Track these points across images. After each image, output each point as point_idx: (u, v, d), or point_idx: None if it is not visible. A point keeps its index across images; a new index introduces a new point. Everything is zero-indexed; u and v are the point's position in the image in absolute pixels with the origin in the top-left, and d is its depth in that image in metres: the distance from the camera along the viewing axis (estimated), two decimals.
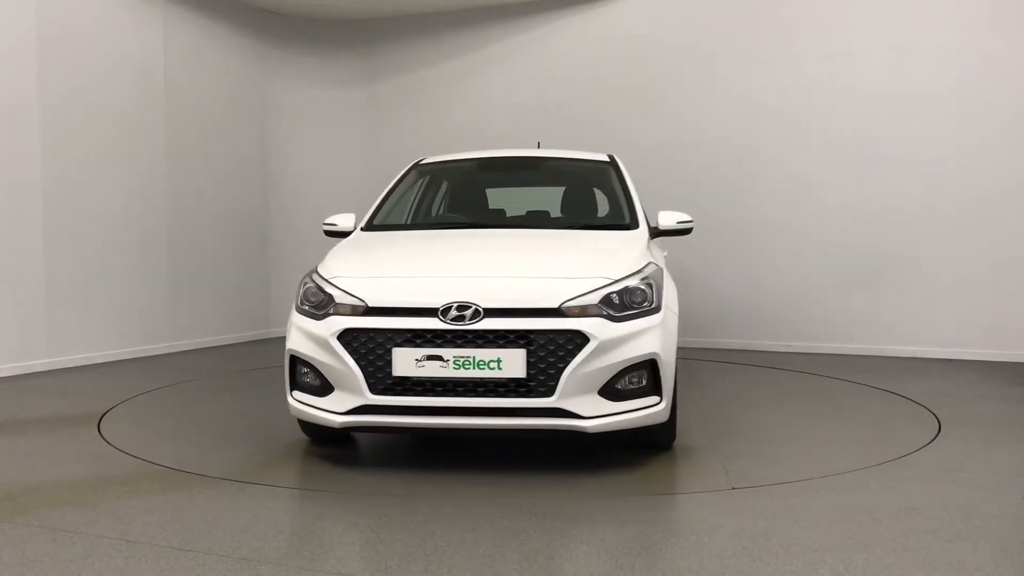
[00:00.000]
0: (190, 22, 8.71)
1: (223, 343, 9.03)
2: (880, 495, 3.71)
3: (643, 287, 4.08)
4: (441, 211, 5.92)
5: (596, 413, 3.88)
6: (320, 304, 4.15)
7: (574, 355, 3.83)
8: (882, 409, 5.59)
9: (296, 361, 4.22)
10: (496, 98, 9.48)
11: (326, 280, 4.24)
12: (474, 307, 3.90)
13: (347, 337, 3.99)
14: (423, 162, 6.05)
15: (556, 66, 9.19)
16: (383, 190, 6.16)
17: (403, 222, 5.49)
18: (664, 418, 4.12)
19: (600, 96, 8.94)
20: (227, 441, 4.81)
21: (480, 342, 3.85)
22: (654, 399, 4.04)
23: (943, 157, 7.66)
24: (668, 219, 4.99)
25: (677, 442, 4.65)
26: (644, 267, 4.22)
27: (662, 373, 4.01)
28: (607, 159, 5.59)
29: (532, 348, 3.83)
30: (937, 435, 4.81)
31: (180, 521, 3.49)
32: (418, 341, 3.89)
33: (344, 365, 3.97)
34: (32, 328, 7.14)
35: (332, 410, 4.05)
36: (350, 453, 4.56)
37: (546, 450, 4.55)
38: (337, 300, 4.11)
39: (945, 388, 6.25)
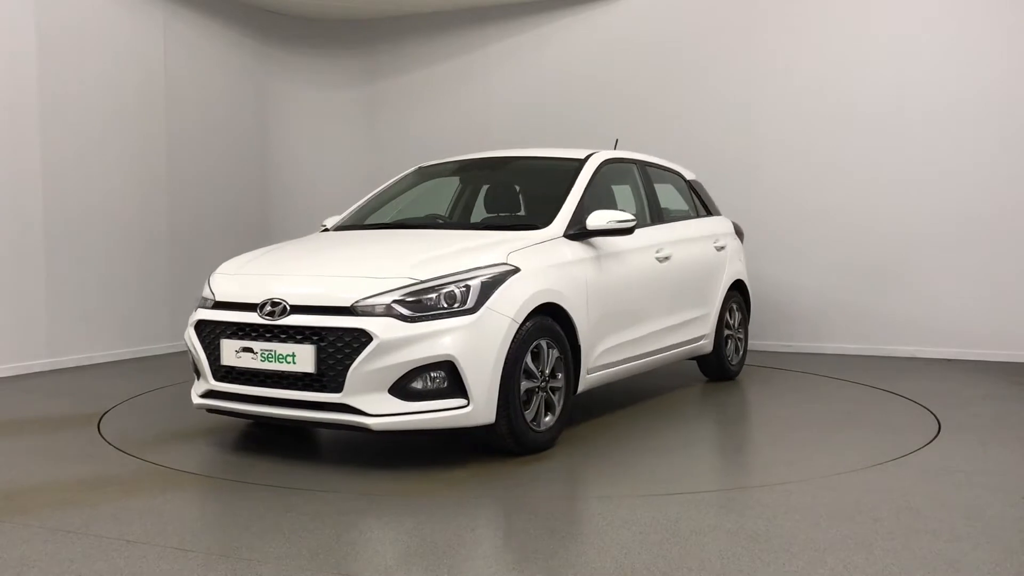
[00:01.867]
0: (190, 21, 8.70)
1: None
2: (880, 495, 3.71)
3: (456, 289, 4.06)
4: (427, 211, 5.94)
5: (384, 411, 3.94)
6: (202, 297, 4.61)
7: (359, 353, 3.92)
8: (882, 409, 5.59)
9: (189, 349, 4.63)
10: (496, 98, 9.48)
11: (209, 276, 4.74)
12: (283, 304, 4.13)
13: (200, 328, 4.45)
14: (424, 165, 6.16)
15: (557, 66, 9.18)
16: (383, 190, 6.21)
17: (373, 222, 5.55)
18: (479, 421, 4.06)
19: (600, 96, 8.93)
20: (227, 441, 4.81)
21: (283, 337, 4.09)
22: (459, 401, 4.01)
23: (943, 158, 7.65)
24: (599, 219, 4.84)
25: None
26: (476, 268, 4.18)
27: (465, 375, 3.97)
28: (581, 157, 5.46)
29: (323, 345, 3.98)
30: (937, 435, 4.81)
31: (180, 521, 3.50)
32: (240, 334, 4.23)
33: (197, 353, 4.43)
34: (32, 328, 7.13)
35: (197, 392, 4.54)
36: (350, 453, 4.56)
37: (550, 453, 4.55)
38: (203, 294, 4.59)
39: (945, 388, 6.24)
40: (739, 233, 6.93)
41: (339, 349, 3.97)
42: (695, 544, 3.11)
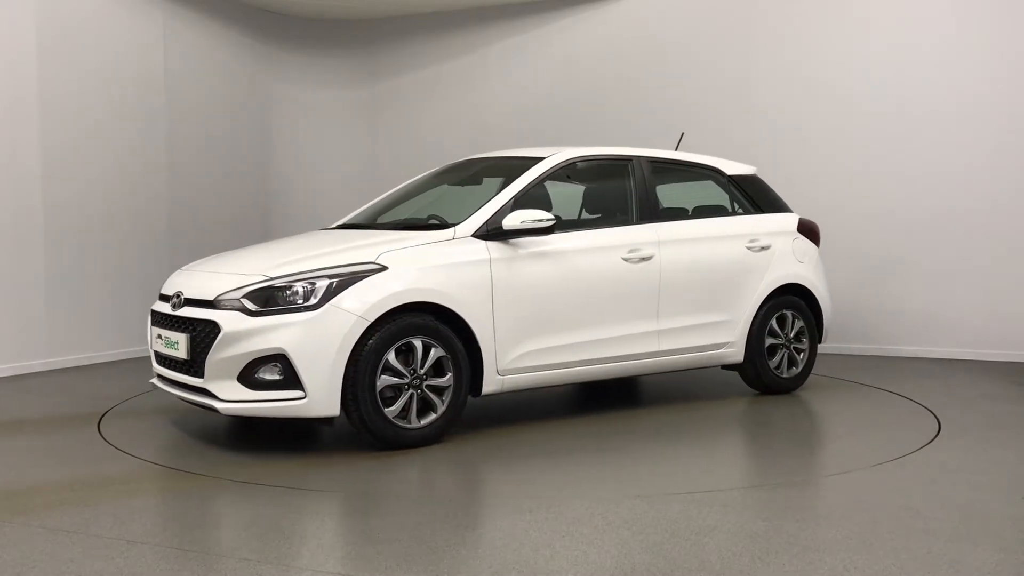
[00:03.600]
0: (190, 21, 8.70)
1: None
2: (880, 495, 3.72)
3: (302, 287, 4.32)
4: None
5: (232, 398, 4.31)
6: None
7: (213, 342, 4.32)
8: (882, 409, 5.59)
9: None
10: (497, 98, 9.47)
11: None
12: (182, 297, 4.64)
13: (151, 317, 4.96)
14: (439, 169, 6.19)
15: (558, 66, 9.18)
16: (383, 189, 6.22)
17: (361, 223, 5.67)
18: (318, 413, 4.27)
19: (602, 95, 8.93)
20: (227, 441, 4.81)
21: (176, 326, 4.60)
22: (297, 393, 4.25)
23: (944, 157, 7.65)
24: (513, 219, 4.80)
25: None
26: (332, 267, 4.41)
27: (298, 368, 4.21)
28: (538, 156, 5.38)
29: (193, 335, 4.44)
30: (937, 435, 4.81)
31: (180, 521, 3.50)
32: (160, 322, 4.78)
33: (148, 338, 4.99)
34: (32, 328, 7.13)
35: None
36: (350, 453, 4.55)
37: (542, 451, 4.55)
38: None
39: (945, 388, 6.24)
40: (808, 232, 6.28)
41: (203, 339, 4.38)
42: (695, 544, 3.12)
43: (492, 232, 4.83)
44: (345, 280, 4.36)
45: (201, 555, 3.04)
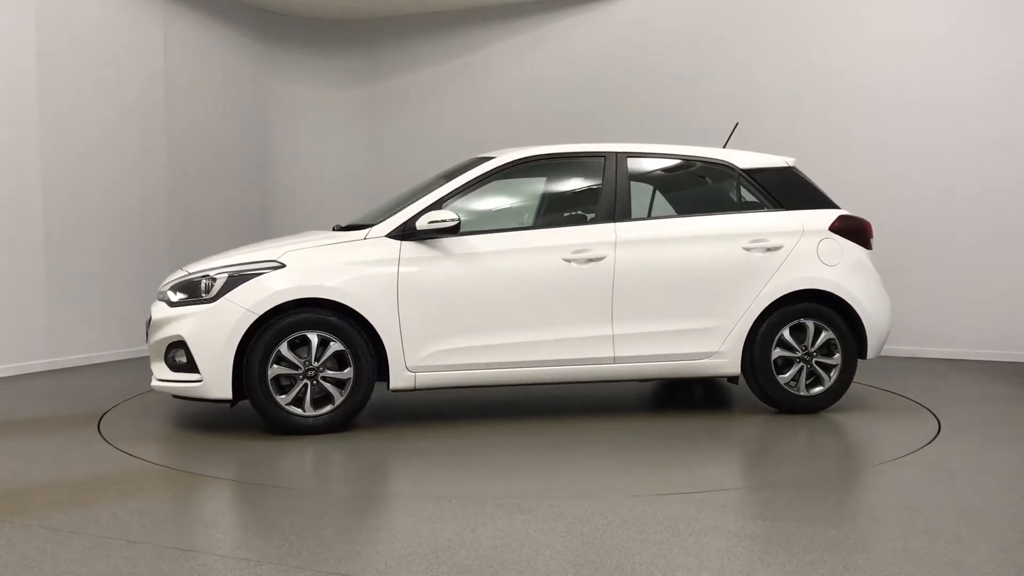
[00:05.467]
0: (190, 21, 8.70)
1: None
2: (880, 495, 3.72)
3: (206, 282, 4.80)
4: None
5: (160, 377, 4.88)
6: None
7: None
8: (882, 409, 5.59)
9: None
10: (496, 98, 9.47)
11: None
12: (158, 291, 5.18)
13: None
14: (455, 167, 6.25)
15: (557, 66, 9.18)
16: (383, 189, 6.21)
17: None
18: (214, 395, 4.70)
19: (601, 96, 8.93)
20: (227, 441, 4.81)
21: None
22: (196, 376, 4.72)
23: (945, 157, 7.65)
24: (423, 221, 4.90)
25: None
26: (236, 264, 4.83)
27: (194, 354, 4.69)
28: (488, 156, 5.36)
29: (148, 321, 5.02)
30: (937, 435, 4.81)
31: (180, 521, 3.50)
32: None
33: None
34: (32, 328, 7.13)
35: None
36: (350, 453, 4.56)
37: (544, 451, 4.55)
38: None
39: (945, 388, 6.25)
40: (850, 232, 5.53)
41: (148, 325, 5.00)
42: (695, 544, 3.12)
43: (408, 233, 4.94)
44: (243, 276, 4.75)
45: (201, 555, 3.04)
